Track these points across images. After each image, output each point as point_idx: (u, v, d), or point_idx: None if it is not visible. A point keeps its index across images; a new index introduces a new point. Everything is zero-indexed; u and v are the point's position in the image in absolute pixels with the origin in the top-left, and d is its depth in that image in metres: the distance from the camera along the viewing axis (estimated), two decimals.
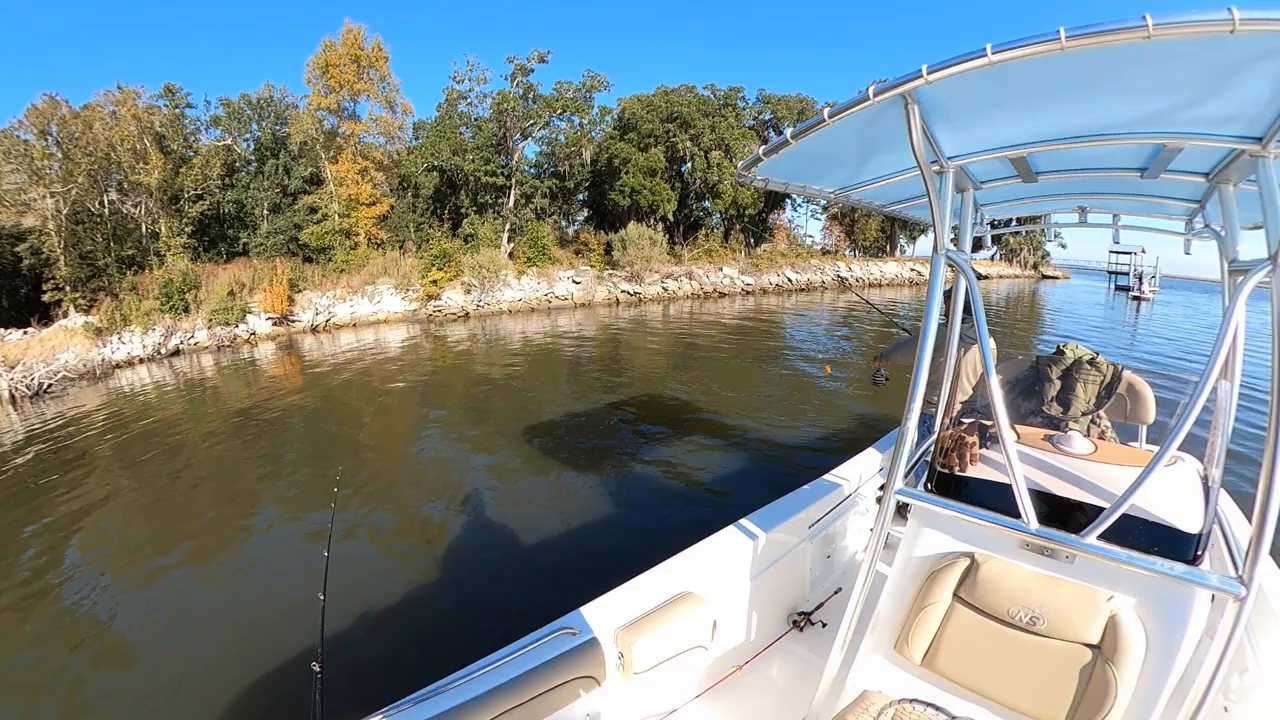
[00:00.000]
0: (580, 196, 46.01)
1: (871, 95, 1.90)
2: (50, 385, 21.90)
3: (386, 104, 36.42)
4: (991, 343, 3.86)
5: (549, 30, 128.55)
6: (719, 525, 3.50)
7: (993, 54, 1.58)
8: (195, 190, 33.73)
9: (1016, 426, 2.92)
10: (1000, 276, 62.82)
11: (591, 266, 39.70)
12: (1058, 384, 3.79)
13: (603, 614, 2.79)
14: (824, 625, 3.78)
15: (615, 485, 8.71)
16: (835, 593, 4.08)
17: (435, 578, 6.52)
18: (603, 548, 6.93)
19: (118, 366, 24.91)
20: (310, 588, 4.43)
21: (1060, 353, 3.95)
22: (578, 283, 38.19)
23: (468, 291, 34.46)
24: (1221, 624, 1.98)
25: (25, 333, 25.76)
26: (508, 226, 38.91)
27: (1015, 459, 2.21)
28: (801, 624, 3.77)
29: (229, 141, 36.53)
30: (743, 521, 3.57)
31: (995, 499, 2.39)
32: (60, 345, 24.53)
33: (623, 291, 38.88)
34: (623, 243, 39.01)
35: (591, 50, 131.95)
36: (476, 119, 39.39)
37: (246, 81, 69.34)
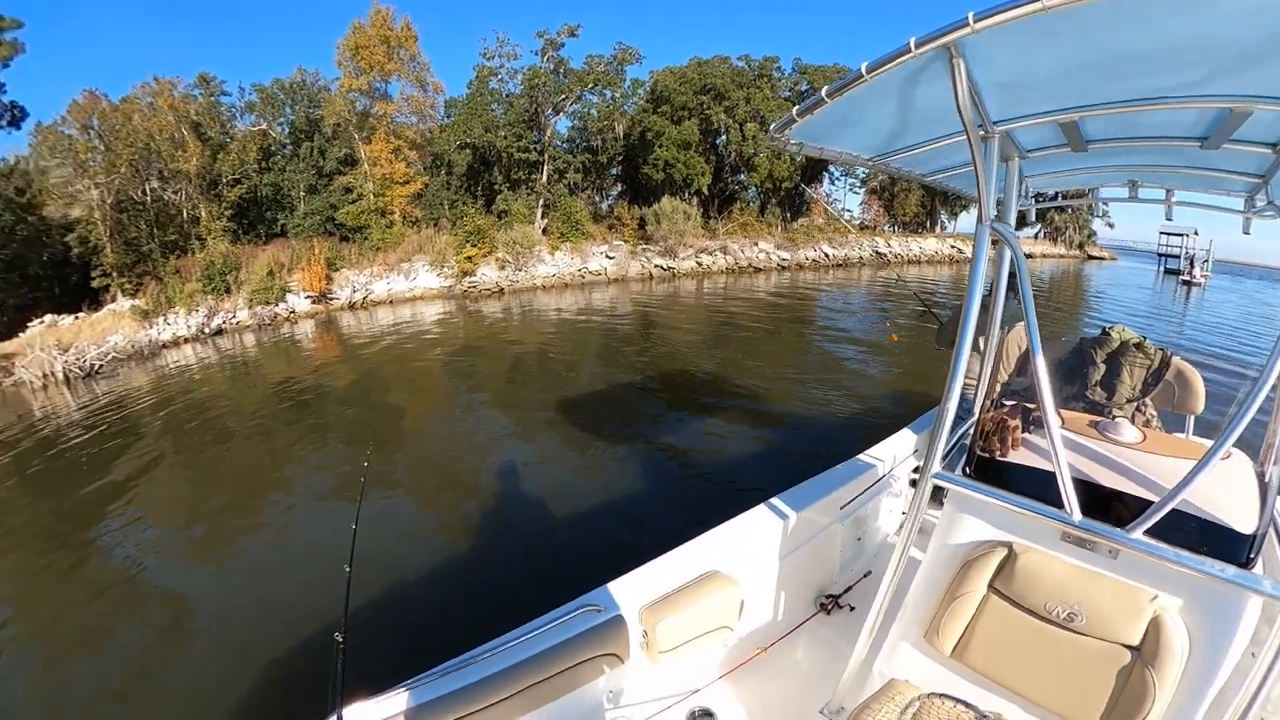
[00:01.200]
0: (613, 171, 45.24)
1: (913, 47, 1.74)
2: (101, 366, 22.64)
3: (417, 83, 36.27)
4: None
5: (578, 2, 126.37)
6: (749, 503, 3.40)
7: None
8: (233, 175, 34.07)
9: (1060, 411, 2.79)
10: (1044, 256, 59.97)
11: (625, 241, 39.12)
12: (1102, 368, 3.61)
13: (628, 591, 2.74)
14: (851, 609, 3.68)
15: (644, 461, 8.62)
16: (864, 576, 3.97)
17: (462, 551, 6.55)
18: (630, 524, 6.86)
19: (164, 346, 25.63)
20: (337, 558, 4.52)
21: (1106, 335, 3.76)
22: (611, 258, 37.72)
23: (502, 267, 34.34)
24: (1273, 633, 1.88)
25: (76, 317, 26.39)
26: (541, 202, 38.53)
27: (1060, 445, 2.10)
28: (829, 607, 3.68)
29: (264, 126, 36.73)
30: (774, 500, 3.47)
31: (1036, 487, 2.26)
32: (109, 328, 25.26)
33: (656, 266, 38.28)
34: (656, 217, 38.36)
35: (622, 22, 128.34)
36: (508, 95, 38.81)
37: (278, 66, 71.53)
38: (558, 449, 9.34)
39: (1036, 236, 63.34)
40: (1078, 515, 2.10)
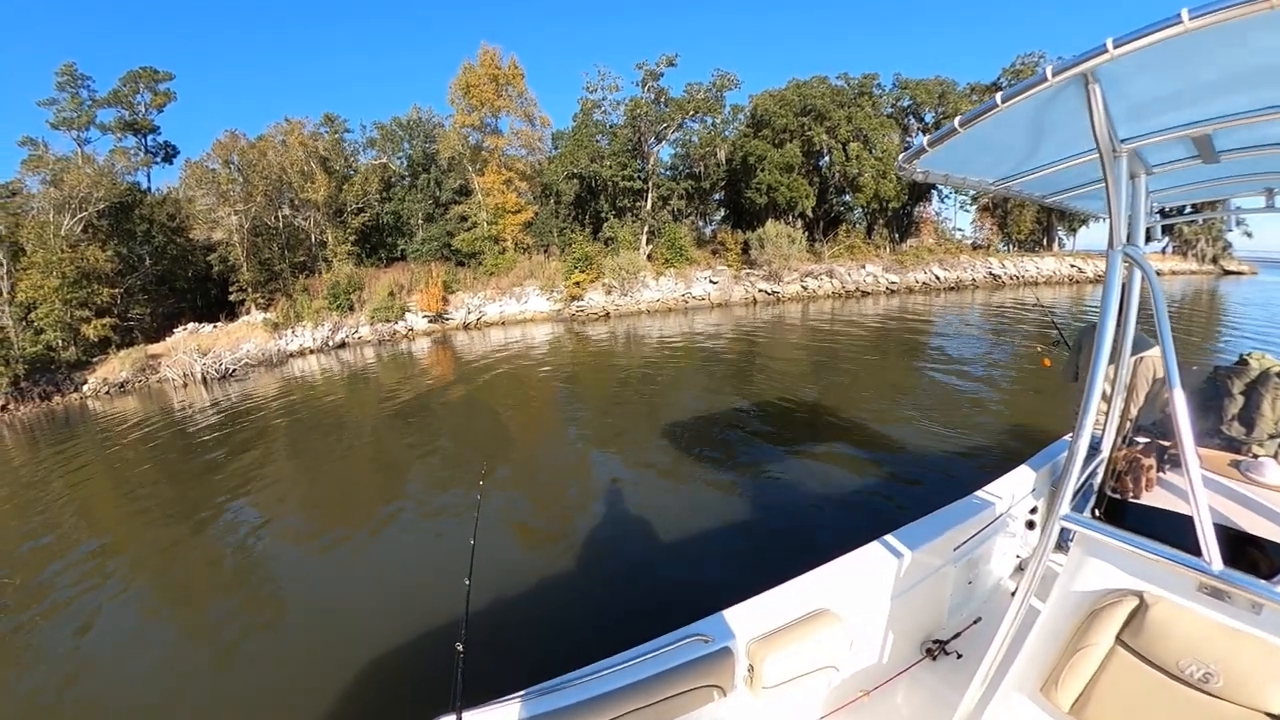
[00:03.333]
0: (717, 196, 44.60)
1: (1050, 77, 1.74)
2: (235, 370, 23.67)
3: (525, 118, 36.97)
4: (1155, 350, 3.80)
5: (675, 32, 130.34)
6: (858, 541, 3.28)
7: (1190, 19, 1.40)
8: (357, 204, 35.84)
9: (1197, 449, 2.33)
10: (1174, 272, 53.49)
11: (728, 266, 37.98)
12: (1240, 400, 3.22)
13: (736, 623, 2.67)
14: (959, 656, 3.46)
15: (752, 490, 8.23)
16: (974, 622, 3.72)
17: (571, 571, 6.45)
18: (737, 554, 6.61)
19: (291, 356, 26.71)
20: (455, 571, 5.28)
21: (1244, 363, 3.60)
22: (714, 282, 36.66)
23: (608, 292, 34.05)
24: None
25: (215, 326, 28.02)
26: (646, 229, 38.12)
27: (1200, 487, 1.91)
28: (935, 653, 3.47)
29: (384, 160, 38.67)
30: (885, 539, 3.31)
31: (1172, 532, 2.09)
32: (243, 337, 26.65)
33: (760, 291, 36.86)
34: (760, 241, 37.05)
35: (719, 48, 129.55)
36: (611, 126, 39.12)
37: (396, 105, 77.91)
38: (663, 474, 8.91)
39: (1164, 251, 57.88)
40: (1218, 564, 1.89)
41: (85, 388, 22.31)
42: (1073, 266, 48.54)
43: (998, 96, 1.86)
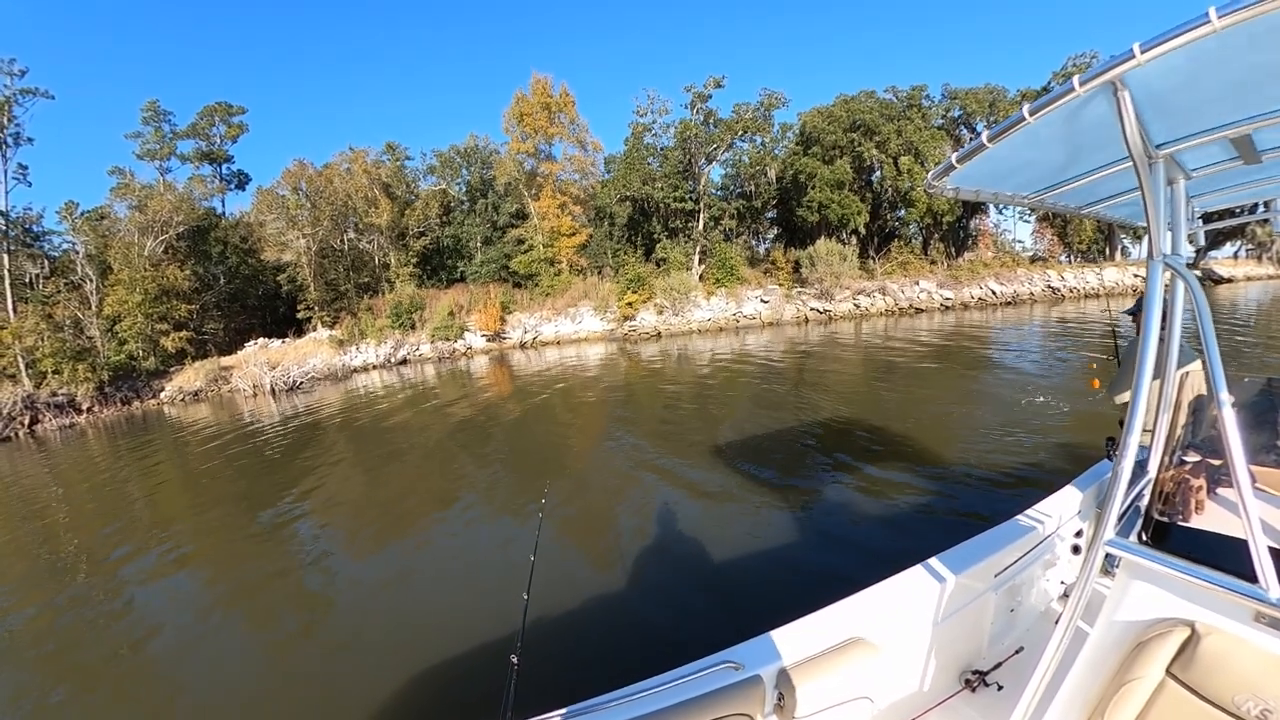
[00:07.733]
0: (769, 215, 43.95)
1: (1077, 86, 1.66)
2: (302, 383, 23.98)
3: (578, 143, 37.30)
4: (1198, 363, 3.66)
5: (719, 55, 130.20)
6: (898, 566, 3.07)
7: (1219, 18, 1.34)
8: (418, 228, 36.61)
9: (1251, 467, 2.28)
10: (1248, 278, 50.21)
11: (780, 285, 37.14)
12: None
13: (769, 651, 2.53)
14: (1000, 688, 3.18)
15: (799, 513, 7.97)
16: (1016, 652, 3.48)
17: (619, 591, 6.31)
18: (779, 578, 6.42)
19: (355, 371, 27.03)
20: (509, 584, 5.38)
21: None
22: (766, 301, 35.88)
23: (660, 312, 33.59)
24: None
25: (283, 342, 28.71)
26: (698, 249, 37.65)
27: (1254, 508, 1.78)
28: (975, 684, 3.18)
29: (444, 186, 39.50)
30: (924, 565, 3.09)
31: (1225, 556, 1.93)
32: (310, 352, 27.13)
33: (812, 309, 35.85)
34: (811, 260, 36.23)
35: (765, 68, 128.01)
36: (662, 149, 38.95)
37: (453, 133, 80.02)
38: (712, 495, 8.71)
39: (1236, 256, 54.63)
40: (1275, 591, 1.74)
41: (162, 394, 23.15)
42: (1135, 275, 45.95)
43: (1025, 109, 1.79)
